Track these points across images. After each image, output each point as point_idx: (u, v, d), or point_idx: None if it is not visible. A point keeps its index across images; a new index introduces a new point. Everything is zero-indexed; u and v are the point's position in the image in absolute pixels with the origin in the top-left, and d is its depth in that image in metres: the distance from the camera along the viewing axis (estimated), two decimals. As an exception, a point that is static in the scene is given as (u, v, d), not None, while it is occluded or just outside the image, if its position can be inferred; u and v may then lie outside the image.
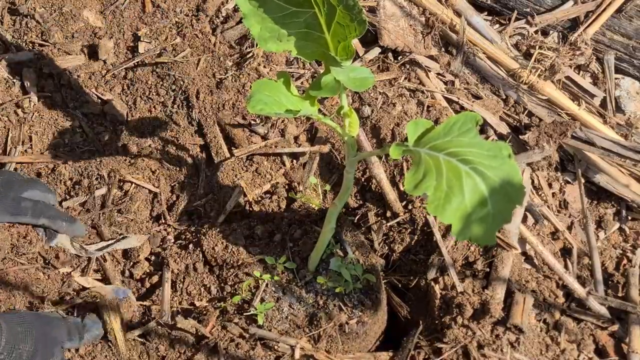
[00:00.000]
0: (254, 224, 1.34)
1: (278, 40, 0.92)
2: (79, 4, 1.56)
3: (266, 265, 1.27)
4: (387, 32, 1.60)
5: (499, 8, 1.74)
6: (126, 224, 1.35)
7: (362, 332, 1.24)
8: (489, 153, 0.84)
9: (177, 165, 1.42)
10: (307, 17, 0.90)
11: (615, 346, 1.34)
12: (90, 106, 1.46)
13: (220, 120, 1.45)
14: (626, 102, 1.65)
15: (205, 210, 1.40)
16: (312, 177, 1.40)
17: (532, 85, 1.62)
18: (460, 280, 1.35)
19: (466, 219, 0.81)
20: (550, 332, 1.33)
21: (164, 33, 1.53)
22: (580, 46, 1.65)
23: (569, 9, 1.72)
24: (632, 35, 1.68)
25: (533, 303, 1.33)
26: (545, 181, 1.52)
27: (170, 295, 1.27)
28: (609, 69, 1.67)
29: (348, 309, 1.24)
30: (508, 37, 1.70)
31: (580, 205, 1.50)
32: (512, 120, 1.58)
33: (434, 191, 0.82)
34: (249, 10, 0.90)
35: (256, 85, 0.94)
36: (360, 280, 1.27)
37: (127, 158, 1.40)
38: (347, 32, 0.88)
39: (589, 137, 1.52)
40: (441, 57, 1.64)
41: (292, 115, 0.93)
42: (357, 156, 1.06)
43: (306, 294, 1.25)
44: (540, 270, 1.40)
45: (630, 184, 1.51)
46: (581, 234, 1.48)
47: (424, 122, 0.91)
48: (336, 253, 1.29)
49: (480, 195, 0.81)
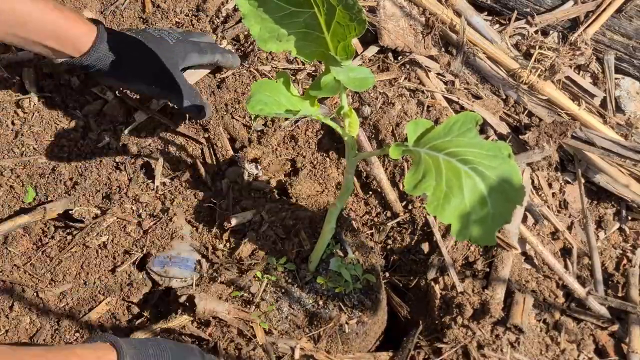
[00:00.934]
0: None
1: (278, 41, 0.92)
2: (79, 4, 1.56)
3: (266, 266, 1.27)
4: (387, 32, 1.60)
5: (499, 8, 1.74)
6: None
7: (362, 332, 1.24)
8: (489, 153, 0.84)
9: (178, 165, 1.42)
10: (306, 17, 0.90)
11: (615, 346, 1.34)
12: (90, 106, 1.46)
13: (223, 119, 1.45)
14: (626, 102, 1.65)
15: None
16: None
17: (532, 85, 1.62)
18: (460, 280, 1.35)
19: (466, 219, 0.81)
20: (550, 332, 1.33)
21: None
22: (580, 46, 1.65)
23: (569, 9, 1.72)
24: (632, 35, 1.68)
25: (533, 303, 1.33)
26: (545, 181, 1.52)
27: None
28: (609, 69, 1.67)
29: (348, 309, 1.24)
30: (508, 37, 1.70)
31: (580, 205, 1.50)
32: (512, 120, 1.58)
33: (434, 191, 0.82)
34: (248, 11, 0.90)
35: (256, 86, 0.94)
36: (360, 280, 1.27)
37: (127, 158, 1.40)
38: (347, 32, 0.88)
39: (589, 137, 1.52)
40: (441, 57, 1.64)
41: (292, 115, 0.93)
42: (357, 156, 1.06)
43: (306, 294, 1.25)
44: (540, 270, 1.40)
45: (630, 184, 1.51)
46: (581, 234, 1.47)
47: (423, 122, 0.91)
48: (336, 253, 1.29)
49: (480, 195, 0.81)
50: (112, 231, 1.31)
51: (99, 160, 1.39)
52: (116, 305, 1.26)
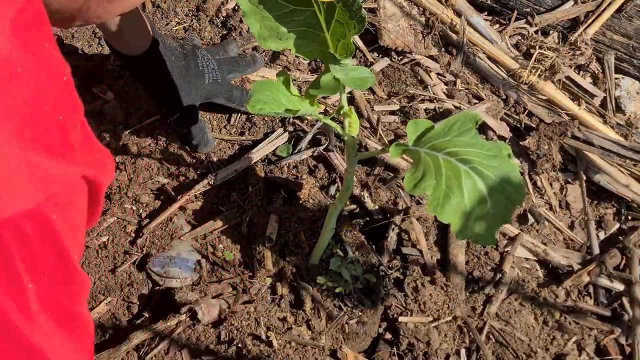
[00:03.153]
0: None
1: (278, 39, 0.92)
2: (79, 4, 1.56)
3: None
4: (387, 32, 1.60)
5: (499, 8, 1.74)
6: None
7: (362, 332, 1.24)
8: (489, 153, 0.84)
9: (178, 165, 1.42)
10: (306, 16, 0.90)
11: (616, 346, 1.34)
12: (90, 106, 1.46)
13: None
14: (626, 102, 1.65)
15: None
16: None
17: (532, 85, 1.62)
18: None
19: (466, 218, 0.81)
20: (550, 332, 1.32)
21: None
22: (580, 46, 1.65)
23: (569, 9, 1.72)
24: (632, 35, 1.68)
25: (533, 303, 1.33)
26: (546, 181, 1.52)
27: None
28: (609, 69, 1.67)
29: (348, 309, 1.24)
30: (508, 37, 1.70)
31: (581, 205, 1.50)
32: (512, 120, 1.58)
33: (433, 191, 0.82)
34: (249, 9, 0.90)
35: (256, 85, 0.94)
36: (360, 280, 1.27)
37: (127, 158, 1.40)
38: (346, 30, 0.88)
39: (589, 137, 1.52)
40: (441, 57, 1.64)
41: (291, 115, 0.93)
42: (358, 156, 1.06)
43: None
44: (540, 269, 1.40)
45: (630, 184, 1.51)
46: (582, 234, 1.47)
47: (423, 122, 0.91)
48: (336, 253, 1.29)
49: (480, 194, 0.81)
50: (112, 231, 1.31)
51: (99, 160, 1.39)
52: (116, 305, 1.26)
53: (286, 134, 1.45)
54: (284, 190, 1.39)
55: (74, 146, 0.52)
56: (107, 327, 1.23)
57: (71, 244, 0.50)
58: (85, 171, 0.52)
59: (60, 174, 0.48)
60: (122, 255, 1.29)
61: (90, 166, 0.53)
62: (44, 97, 0.47)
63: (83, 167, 0.52)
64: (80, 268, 0.54)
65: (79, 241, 0.53)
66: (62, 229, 0.48)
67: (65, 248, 0.49)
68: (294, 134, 1.46)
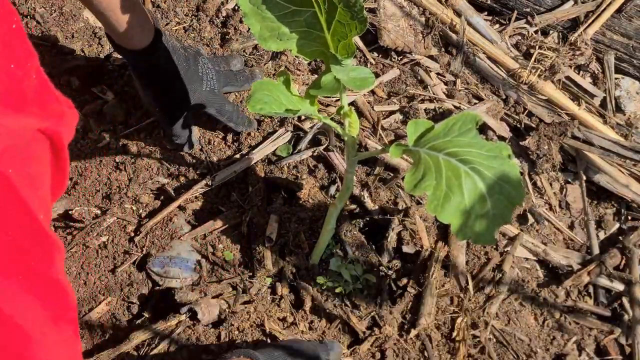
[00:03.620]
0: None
1: (278, 39, 0.92)
2: (79, 4, 1.56)
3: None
4: (387, 32, 1.60)
5: (499, 8, 1.74)
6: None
7: (362, 332, 1.24)
8: (489, 153, 0.84)
9: (178, 165, 1.42)
10: (307, 16, 0.90)
11: (615, 346, 1.34)
12: (90, 106, 1.46)
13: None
14: (626, 102, 1.65)
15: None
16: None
17: (532, 85, 1.62)
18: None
19: (466, 218, 0.81)
20: (550, 332, 1.33)
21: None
22: (580, 46, 1.65)
23: (569, 9, 1.72)
24: (632, 35, 1.68)
25: (533, 303, 1.33)
26: (546, 181, 1.52)
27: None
28: (609, 69, 1.67)
29: (348, 309, 1.24)
30: (508, 37, 1.70)
31: (581, 205, 1.50)
32: (512, 120, 1.58)
33: (434, 191, 0.82)
34: (249, 9, 0.90)
35: (256, 85, 0.94)
36: (360, 280, 1.27)
37: (127, 158, 1.40)
38: (348, 30, 0.88)
39: (589, 137, 1.52)
40: (441, 57, 1.64)
41: (291, 115, 0.93)
42: (358, 156, 1.06)
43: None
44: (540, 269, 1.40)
45: (630, 184, 1.51)
46: (581, 234, 1.47)
47: (423, 122, 0.91)
48: (336, 253, 1.29)
49: (480, 194, 0.81)
50: (112, 231, 1.31)
51: (99, 160, 1.39)
52: (116, 305, 1.26)
53: (288, 133, 1.45)
54: (284, 190, 1.39)
55: (28, 96, 0.47)
56: (107, 327, 1.23)
57: (33, 200, 0.46)
58: (42, 123, 0.47)
59: (13, 126, 0.44)
60: (122, 255, 1.30)
61: (47, 117, 0.48)
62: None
63: (38, 119, 0.47)
64: (52, 231, 0.48)
65: (42, 198, 0.49)
66: (21, 184, 0.44)
67: (26, 203, 0.45)
68: (294, 134, 1.46)
